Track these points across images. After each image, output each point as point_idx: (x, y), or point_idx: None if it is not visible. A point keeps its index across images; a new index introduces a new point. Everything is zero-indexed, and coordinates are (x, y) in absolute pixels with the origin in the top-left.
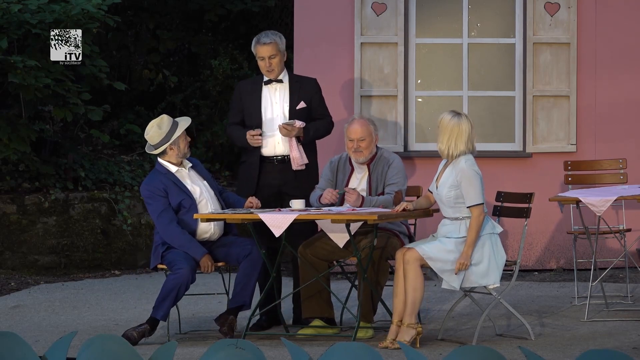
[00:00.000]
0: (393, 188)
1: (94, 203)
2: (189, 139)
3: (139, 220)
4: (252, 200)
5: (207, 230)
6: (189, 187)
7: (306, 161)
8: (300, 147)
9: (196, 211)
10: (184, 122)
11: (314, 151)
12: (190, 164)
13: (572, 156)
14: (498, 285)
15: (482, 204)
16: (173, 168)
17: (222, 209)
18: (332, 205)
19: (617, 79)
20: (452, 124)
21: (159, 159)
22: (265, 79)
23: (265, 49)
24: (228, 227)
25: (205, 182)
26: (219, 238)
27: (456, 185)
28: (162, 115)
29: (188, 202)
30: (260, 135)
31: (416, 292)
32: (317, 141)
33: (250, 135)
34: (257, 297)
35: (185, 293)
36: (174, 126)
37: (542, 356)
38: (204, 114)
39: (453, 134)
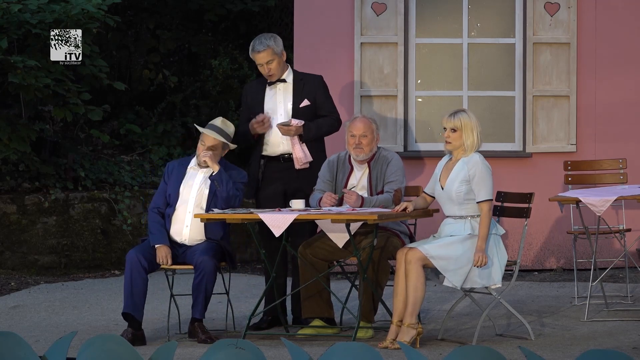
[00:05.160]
0: (392, 186)
1: (94, 203)
2: (209, 158)
3: (139, 220)
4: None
5: (179, 232)
6: (183, 184)
7: (310, 159)
8: (304, 145)
9: (173, 209)
10: (215, 134)
11: (322, 150)
12: (212, 172)
13: (572, 156)
14: (500, 285)
15: (492, 200)
16: (193, 163)
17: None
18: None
19: (617, 79)
20: (473, 119)
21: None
22: None
23: (260, 56)
24: (210, 233)
25: (207, 190)
26: (199, 243)
27: (468, 180)
28: (230, 122)
29: (172, 198)
30: (265, 120)
31: (417, 292)
32: (325, 140)
33: (257, 123)
34: (257, 297)
35: (184, 293)
36: (208, 126)
37: (542, 356)
38: (204, 114)
39: (477, 126)
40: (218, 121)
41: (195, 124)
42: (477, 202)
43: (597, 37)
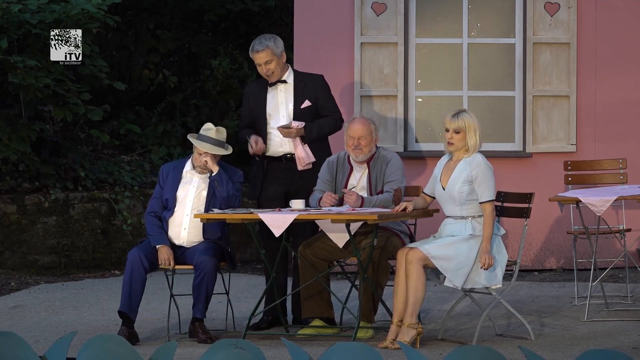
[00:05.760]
0: (392, 186)
1: (94, 203)
2: (209, 158)
3: (139, 220)
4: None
5: (177, 235)
6: (180, 187)
7: (313, 160)
8: (306, 146)
9: (171, 213)
10: (212, 147)
11: (326, 149)
12: (211, 175)
13: (572, 156)
14: (500, 285)
15: (494, 200)
16: (188, 167)
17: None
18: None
19: (617, 79)
20: (475, 120)
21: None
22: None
23: (259, 56)
24: (208, 234)
25: (205, 192)
26: (198, 243)
27: (470, 181)
28: (222, 128)
29: (169, 202)
30: (260, 142)
31: (418, 292)
32: (330, 141)
33: (252, 150)
34: (257, 297)
35: (184, 293)
36: (203, 138)
37: (542, 356)
38: (204, 114)
39: (478, 127)
40: (212, 132)
41: (189, 136)
42: (480, 203)
43: (597, 37)
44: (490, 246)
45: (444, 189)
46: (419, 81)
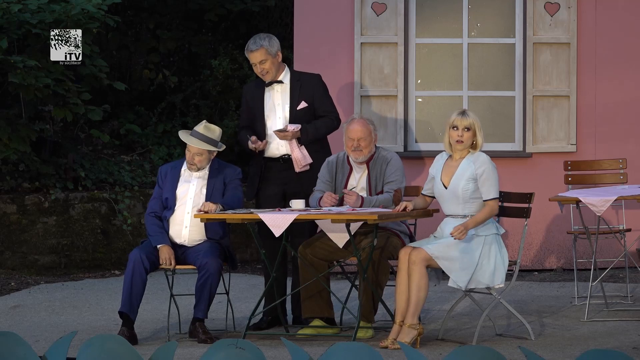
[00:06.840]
0: (392, 186)
1: (94, 203)
2: (199, 155)
3: (139, 220)
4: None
5: (178, 234)
6: (179, 186)
7: (310, 161)
8: (303, 148)
9: (171, 212)
10: (199, 141)
11: (326, 149)
12: (204, 173)
13: (572, 156)
14: (502, 285)
15: (498, 198)
16: (185, 165)
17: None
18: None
19: (617, 79)
20: (478, 119)
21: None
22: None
23: (253, 56)
24: (210, 233)
25: (205, 189)
26: (200, 243)
27: (474, 178)
28: (214, 126)
29: (169, 201)
30: (264, 142)
31: (420, 292)
32: (329, 140)
33: (252, 145)
34: (257, 297)
35: (185, 293)
36: (192, 133)
37: (542, 356)
38: (204, 114)
39: (481, 126)
40: (201, 127)
41: (179, 132)
42: (485, 200)
43: (597, 37)
44: (485, 243)
45: (445, 187)
46: (419, 81)
